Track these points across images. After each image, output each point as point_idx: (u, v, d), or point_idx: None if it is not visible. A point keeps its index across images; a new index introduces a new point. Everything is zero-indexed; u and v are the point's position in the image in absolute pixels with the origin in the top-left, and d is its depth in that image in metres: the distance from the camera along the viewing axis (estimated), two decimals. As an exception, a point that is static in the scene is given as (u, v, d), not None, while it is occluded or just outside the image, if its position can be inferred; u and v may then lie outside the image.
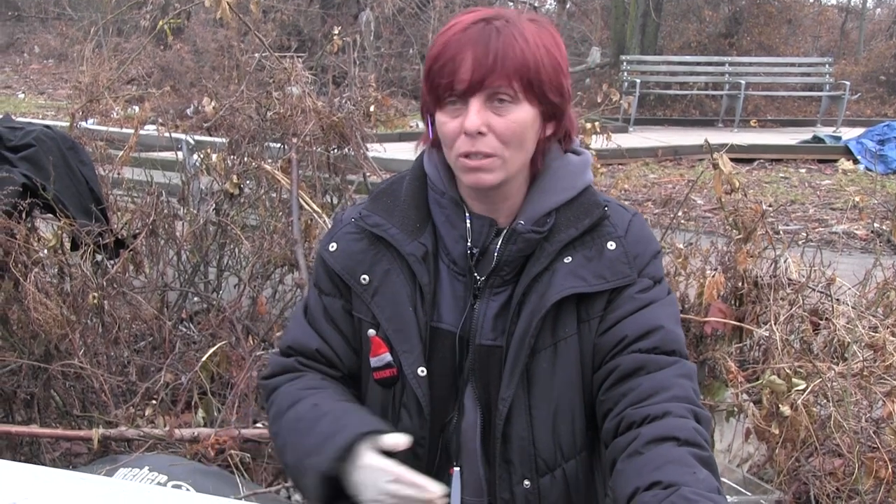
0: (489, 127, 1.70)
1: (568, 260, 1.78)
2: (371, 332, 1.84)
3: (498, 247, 1.80)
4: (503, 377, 1.80)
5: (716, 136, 11.86)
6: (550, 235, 1.80)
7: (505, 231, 1.81)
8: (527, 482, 1.82)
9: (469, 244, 1.82)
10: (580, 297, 1.78)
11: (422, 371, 1.81)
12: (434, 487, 1.65)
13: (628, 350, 1.75)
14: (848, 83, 17.13)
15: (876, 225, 9.07)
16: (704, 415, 1.70)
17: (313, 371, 1.91)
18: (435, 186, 1.86)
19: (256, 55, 5.67)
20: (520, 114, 1.71)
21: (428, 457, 1.86)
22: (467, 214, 1.83)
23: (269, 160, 4.69)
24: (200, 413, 3.78)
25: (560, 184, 1.82)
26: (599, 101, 5.59)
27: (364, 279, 1.85)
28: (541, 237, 1.79)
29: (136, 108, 6.30)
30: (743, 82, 17.07)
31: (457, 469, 1.87)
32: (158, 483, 2.92)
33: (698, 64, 17.97)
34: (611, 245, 1.79)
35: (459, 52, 1.69)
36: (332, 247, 1.90)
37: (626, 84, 16.62)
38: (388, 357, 1.83)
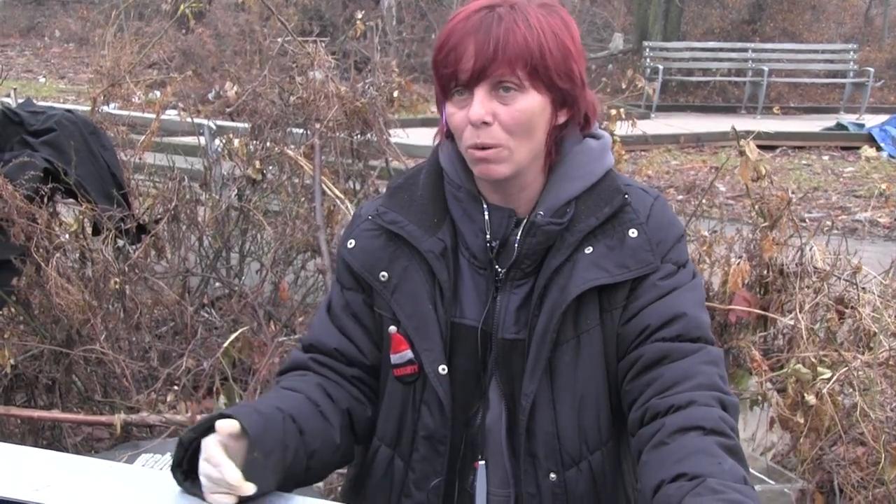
0: (495, 116, 1.67)
1: (589, 250, 1.74)
2: (392, 328, 1.82)
3: (518, 239, 1.77)
4: (526, 371, 1.77)
5: (738, 123, 11.73)
6: (571, 225, 1.76)
7: (524, 222, 1.77)
8: (553, 475, 1.79)
9: (488, 237, 1.79)
10: (602, 287, 1.75)
11: (443, 369, 1.79)
12: (234, 474, 1.54)
13: (651, 339, 1.72)
14: (872, 70, 17.07)
15: (900, 213, 9.04)
16: (731, 401, 1.67)
17: (326, 369, 1.88)
18: (451, 180, 1.83)
19: (279, 39, 5.67)
20: (526, 102, 1.67)
21: (451, 452, 1.84)
22: (485, 207, 1.79)
23: (292, 145, 4.69)
24: (222, 399, 3.78)
25: (579, 171, 1.78)
26: (624, 87, 5.55)
27: (383, 276, 1.82)
28: (561, 228, 1.76)
29: (158, 93, 6.30)
30: (766, 69, 17.01)
31: (482, 463, 1.85)
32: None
33: (721, 50, 17.93)
34: (632, 233, 1.75)
35: (461, 42, 1.66)
36: (351, 244, 1.88)
37: (648, 70, 16.57)
38: (409, 354, 1.81)
